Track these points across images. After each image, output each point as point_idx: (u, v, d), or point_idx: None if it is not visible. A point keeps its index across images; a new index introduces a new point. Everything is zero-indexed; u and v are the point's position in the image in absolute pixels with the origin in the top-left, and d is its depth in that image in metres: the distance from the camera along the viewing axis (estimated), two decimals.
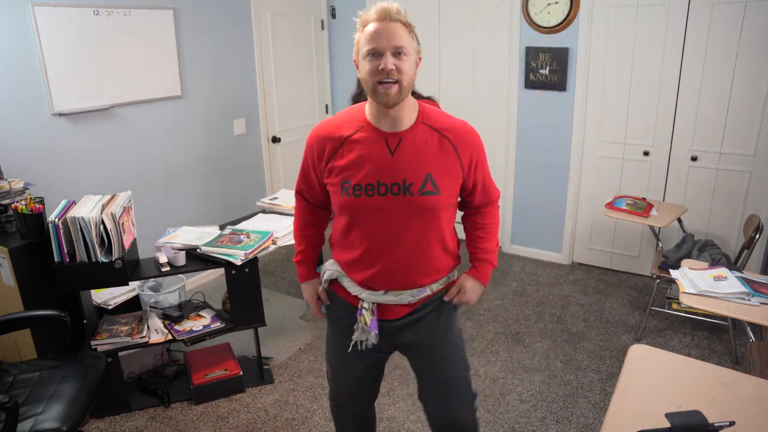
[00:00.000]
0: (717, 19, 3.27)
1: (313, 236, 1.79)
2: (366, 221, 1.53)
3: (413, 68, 1.46)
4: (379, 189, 1.48)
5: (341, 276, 1.66)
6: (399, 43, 1.40)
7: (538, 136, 4.04)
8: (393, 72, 1.39)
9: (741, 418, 1.33)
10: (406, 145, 1.49)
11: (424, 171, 1.48)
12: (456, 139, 1.52)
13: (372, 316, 1.61)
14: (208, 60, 3.73)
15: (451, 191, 1.55)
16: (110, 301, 2.76)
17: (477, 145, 1.57)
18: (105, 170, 3.24)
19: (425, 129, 1.51)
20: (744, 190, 3.47)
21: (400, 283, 1.59)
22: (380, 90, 1.41)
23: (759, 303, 2.07)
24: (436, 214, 1.53)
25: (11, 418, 1.70)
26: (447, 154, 1.51)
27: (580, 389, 2.77)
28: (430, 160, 1.49)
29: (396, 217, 1.50)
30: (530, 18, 3.81)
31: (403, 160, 1.48)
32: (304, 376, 2.90)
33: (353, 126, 1.53)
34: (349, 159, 1.50)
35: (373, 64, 1.41)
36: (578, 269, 4.12)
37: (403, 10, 1.45)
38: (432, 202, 1.50)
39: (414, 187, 1.48)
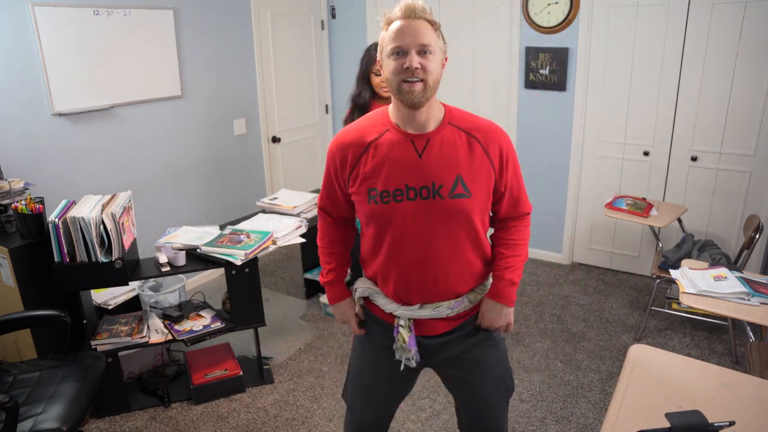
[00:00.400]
0: (717, 19, 3.27)
1: (341, 254, 1.70)
2: (396, 229, 1.45)
3: (439, 68, 1.40)
4: (408, 194, 1.41)
5: (374, 293, 1.59)
6: (424, 41, 1.35)
7: (538, 136, 4.04)
8: (418, 71, 1.34)
9: (741, 418, 1.33)
10: (434, 147, 1.42)
11: (454, 173, 1.42)
12: (485, 138, 1.46)
13: (410, 333, 1.53)
14: (208, 60, 3.73)
15: (483, 193, 1.47)
16: (110, 301, 2.76)
17: (507, 144, 1.49)
18: (105, 170, 3.24)
19: (452, 129, 1.45)
20: (744, 190, 3.47)
21: (436, 293, 1.51)
22: (405, 88, 1.35)
23: (759, 303, 2.07)
24: (469, 218, 1.45)
25: (11, 418, 1.70)
26: (477, 155, 1.44)
27: (580, 389, 2.77)
28: (459, 161, 1.43)
29: (427, 223, 1.43)
30: (530, 18, 3.81)
31: (432, 162, 1.41)
32: (304, 376, 2.90)
33: (377, 130, 1.46)
34: (374, 164, 1.43)
35: (397, 62, 1.36)
36: (578, 269, 4.12)
37: (428, 8, 1.40)
38: (464, 205, 1.43)
39: (444, 190, 1.41)
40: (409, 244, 1.46)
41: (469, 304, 1.56)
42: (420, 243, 1.45)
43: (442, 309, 1.52)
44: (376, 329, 1.63)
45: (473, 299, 1.56)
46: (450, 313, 1.53)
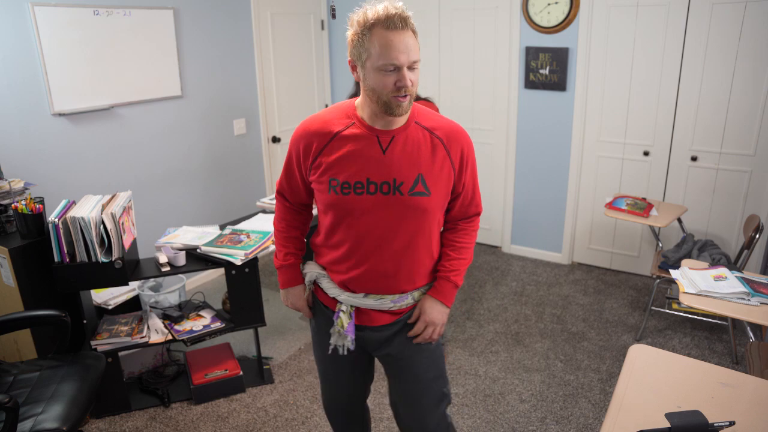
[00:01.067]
0: (717, 19, 3.27)
1: (297, 238, 1.73)
2: (353, 221, 1.48)
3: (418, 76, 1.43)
4: (369, 188, 1.44)
5: (321, 276, 1.62)
6: (415, 57, 1.36)
7: (538, 136, 4.04)
8: (410, 88, 1.36)
9: (741, 418, 1.33)
10: (398, 144, 1.45)
11: (416, 171, 1.44)
12: (447, 138, 1.48)
13: (350, 320, 1.56)
14: (208, 60, 3.73)
15: (442, 193, 1.50)
16: (110, 301, 2.76)
17: (467, 145, 1.52)
18: (105, 170, 3.24)
19: (417, 128, 1.47)
20: (744, 190, 3.47)
21: (383, 286, 1.54)
22: (394, 102, 1.37)
23: (759, 303, 2.07)
24: (426, 217, 1.49)
25: (11, 418, 1.70)
26: (439, 155, 1.47)
27: (580, 389, 2.77)
28: (421, 160, 1.45)
29: (384, 218, 1.46)
30: (530, 18, 3.81)
31: (395, 159, 1.44)
32: (304, 376, 2.90)
33: (344, 122, 1.48)
34: (338, 155, 1.45)
35: (388, 78, 1.35)
36: (578, 269, 4.12)
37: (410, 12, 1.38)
38: (422, 203, 1.46)
39: (404, 187, 1.44)
40: (363, 237, 1.49)
41: (412, 301, 1.59)
42: (375, 237, 1.48)
43: (385, 301, 1.56)
44: (320, 314, 1.68)
45: (417, 297, 1.60)
46: (392, 306, 1.56)
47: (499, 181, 4.28)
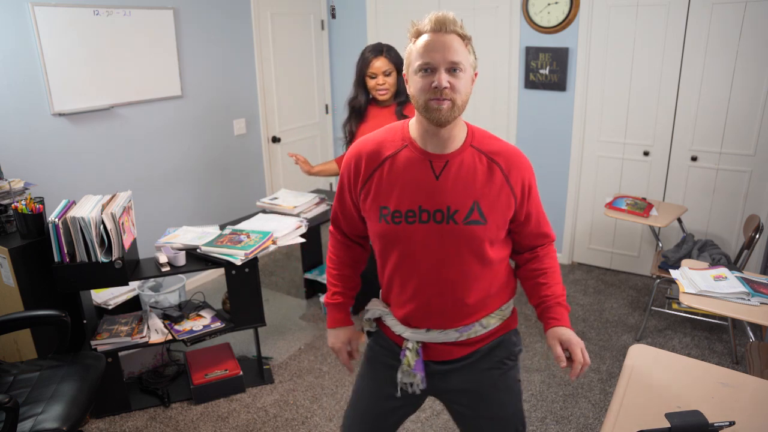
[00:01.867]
0: (717, 19, 3.27)
1: (349, 277, 1.61)
2: (406, 251, 1.38)
3: (469, 86, 1.31)
4: (421, 216, 1.34)
5: (384, 314, 1.52)
6: (455, 58, 1.26)
7: (538, 136, 4.04)
8: (447, 90, 1.25)
9: (741, 418, 1.33)
10: (453, 169, 1.34)
11: (471, 198, 1.34)
12: (507, 164, 1.36)
13: (417, 357, 1.45)
14: (208, 60, 3.73)
15: (500, 222, 1.38)
16: (110, 301, 2.76)
17: (528, 171, 1.41)
18: (105, 170, 3.24)
19: (473, 152, 1.36)
20: (744, 190, 3.47)
21: (445, 319, 1.43)
22: (432, 105, 1.26)
23: (759, 303, 2.07)
24: (481, 245, 1.37)
25: (11, 418, 1.70)
26: (497, 181, 1.35)
27: (580, 389, 2.77)
28: (478, 186, 1.34)
29: (438, 248, 1.36)
30: (530, 18, 3.81)
31: (449, 185, 1.33)
32: (304, 376, 2.90)
33: (396, 145, 1.38)
34: (389, 181, 1.36)
35: (425, 80, 1.27)
36: (578, 269, 4.12)
37: (460, 20, 1.31)
38: (478, 232, 1.34)
39: (459, 216, 1.33)
40: (417, 268, 1.39)
41: (482, 329, 1.47)
42: (429, 267, 1.38)
43: (450, 333, 1.45)
44: (384, 351, 1.55)
45: (486, 324, 1.47)
46: (459, 337, 1.45)
47: None
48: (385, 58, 2.60)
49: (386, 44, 2.66)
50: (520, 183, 1.38)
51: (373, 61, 2.61)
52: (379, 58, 2.60)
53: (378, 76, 2.62)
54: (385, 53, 2.61)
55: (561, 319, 1.44)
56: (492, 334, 1.49)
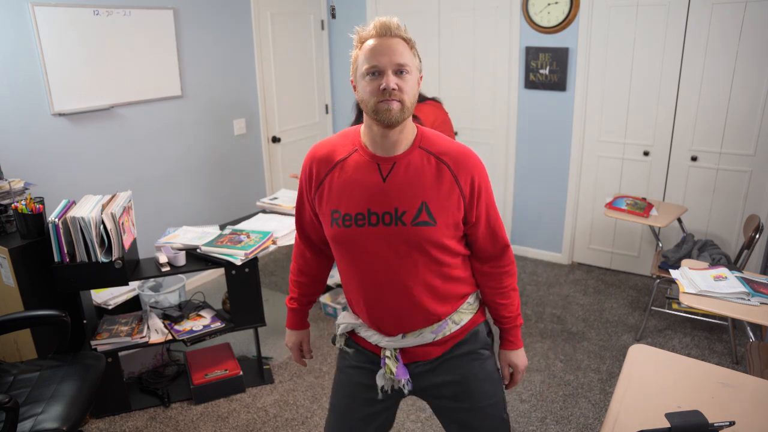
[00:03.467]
0: (717, 19, 3.27)
1: (306, 284, 1.65)
2: (360, 255, 1.39)
3: (415, 87, 1.33)
4: (370, 219, 1.34)
5: (357, 326, 1.52)
6: (401, 60, 1.28)
7: (538, 136, 4.04)
8: (395, 92, 1.27)
9: (741, 418, 1.33)
10: (400, 171, 1.35)
11: (419, 199, 1.34)
12: (456, 164, 1.36)
13: (397, 363, 1.47)
14: (208, 60, 3.73)
15: (450, 222, 1.37)
16: (110, 301, 2.76)
17: (479, 171, 1.39)
18: (105, 170, 3.24)
19: (421, 153, 1.36)
20: (744, 190, 3.47)
21: (413, 322, 1.44)
22: (382, 107, 1.28)
23: (759, 303, 2.07)
24: (434, 247, 1.37)
25: (11, 418, 1.70)
26: (445, 181, 1.35)
27: (580, 389, 2.77)
28: (426, 187, 1.34)
29: (390, 251, 1.36)
30: (530, 18, 3.81)
31: (396, 186, 1.34)
32: (304, 376, 2.90)
33: (348, 149, 1.40)
34: (339, 185, 1.38)
35: (373, 84, 1.28)
36: (578, 269, 4.12)
37: (403, 25, 1.33)
38: (427, 234, 1.34)
39: (407, 217, 1.33)
40: (374, 272, 1.40)
41: (455, 325, 1.48)
42: (385, 270, 1.38)
43: (426, 335, 1.46)
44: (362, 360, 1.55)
45: (458, 320, 1.49)
46: (435, 337, 1.46)
47: (499, 181, 4.28)
48: None
49: None
50: (469, 182, 1.37)
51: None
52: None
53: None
54: None
55: (515, 342, 1.59)
56: (465, 328, 1.52)
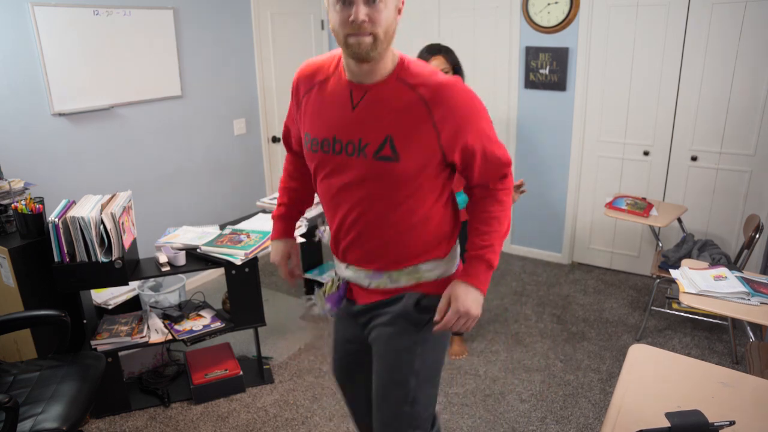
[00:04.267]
0: (717, 19, 3.27)
1: (296, 189, 1.59)
2: (326, 180, 1.35)
3: (391, 17, 1.21)
4: (334, 146, 1.29)
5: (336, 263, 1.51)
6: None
7: (538, 136, 4.04)
8: (366, 24, 1.16)
9: (741, 418, 1.33)
10: (370, 100, 1.26)
11: (384, 132, 1.25)
12: (433, 98, 1.24)
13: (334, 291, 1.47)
14: (208, 60, 3.73)
15: (418, 160, 1.26)
16: (110, 301, 2.76)
17: (464, 108, 1.26)
18: (105, 170, 3.24)
19: (398, 84, 1.26)
20: (744, 190, 3.47)
21: (363, 259, 1.39)
22: (351, 41, 1.18)
23: (759, 303, 2.07)
24: (400, 186, 1.28)
25: (11, 418, 1.70)
26: (415, 114, 1.24)
27: (580, 389, 2.77)
28: (393, 120, 1.25)
29: (351, 181, 1.30)
30: (530, 18, 3.81)
31: (363, 116, 1.26)
32: (304, 376, 2.90)
33: (329, 71, 1.34)
34: (313, 107, 1.33)
35: (343, 13, 1.18)
36: (578, 269, 4.12)
37: None
38: (389, 169, 1.26)
39: (369, 149, 1.26)
40: (338, 200, 1.35)
41: (390, 282, 1.39)
42: (347, 200, 1.33)
43: (361, 276, 1.41)
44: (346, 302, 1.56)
45: (396, 279, 1.39)
46: (369, 284, 1.40)
47: None
48: (443, 58, 2.59)
49: (444, 45, 2.65)
50: (447, 120, 1.25)
51: (431, 60, 2.60)
52: (436, 57, 2.58)
53: None
54: (443, 53, 2.60)
55: (471, 275, 1.36)
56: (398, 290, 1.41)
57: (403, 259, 1.39)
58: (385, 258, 1.38)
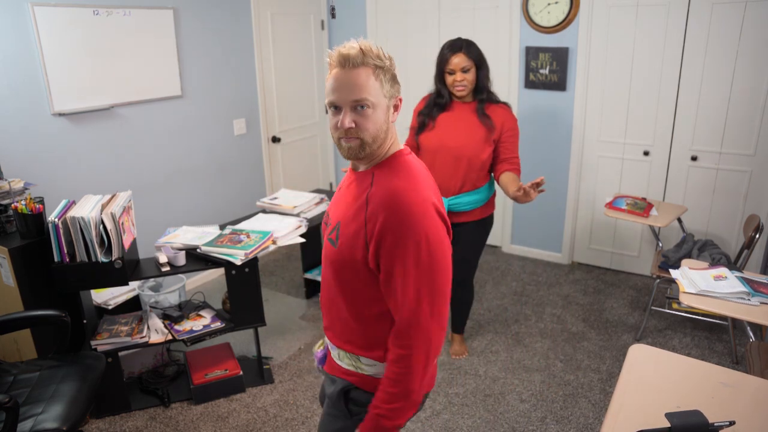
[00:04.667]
0: (717, 19, 3.27)
1: None
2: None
3: (380, 120, 1.24)
4: (328, 220, 1.41)
5: None
6: (358, 96, 1.21)
7: (538, 136, 4.04)
8: (352, 130, 1.23)
9: (741, 418, 1.33)
10: (350, 185, 1.35)
11: (340, 216, 1.32)
12: (375, 203, 1.23)
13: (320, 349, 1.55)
14: (208, 60, 3.73)
15: (349, 254, 1.27)
16: (110, 301, 2.76)
17: (398, 226, 1.19)
18: (105, 170, 3.24)
19: (368, 175, 1.30)
20: (744, 190, 3.47)
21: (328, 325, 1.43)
22: (342, 144, 1.26)
23: (759, 303, 2.07)
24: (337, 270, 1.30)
25: (11, 418, 1.70)
26: (360, 212, 1.26)
27: (580, 389, 2.77)
28: (347, 207, 1.31)
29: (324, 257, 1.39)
30: (530, 18, 3.81)
31: (341, 199, 1.36)
32: (304, 376, 2.90)
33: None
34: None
35: (334, 119, 1.25)
36: (578, 269, 4.12)
37: (375, 47, 1.23)
38: (331, 252, 1.31)
39: (328, 229, 1.35)
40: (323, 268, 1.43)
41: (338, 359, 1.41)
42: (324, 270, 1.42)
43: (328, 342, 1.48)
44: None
45: (341, 357, 1.40)
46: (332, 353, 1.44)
47: None
48: (464, 54, 2.55)
49: (466, 39, 2.60)
50: (376, 228, 1.21)
51: (451, 57, 2.56)
52: (457, 54, 2.55)
53: (456, 73, 2.57)
54: (464, 49, 2.55)
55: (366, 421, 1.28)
56: (343, 373, 1.41)
57: (347, 343, 1.38)
58: (337, 334, 1.40)
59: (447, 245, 1.26)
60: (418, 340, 1.21)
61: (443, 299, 1.25)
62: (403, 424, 1.27)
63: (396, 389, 1.23)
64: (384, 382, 1.26)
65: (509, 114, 2.70)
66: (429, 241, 1.20)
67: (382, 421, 1.24)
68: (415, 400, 1.25)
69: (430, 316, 1.21)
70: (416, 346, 1.21)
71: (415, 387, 1.23)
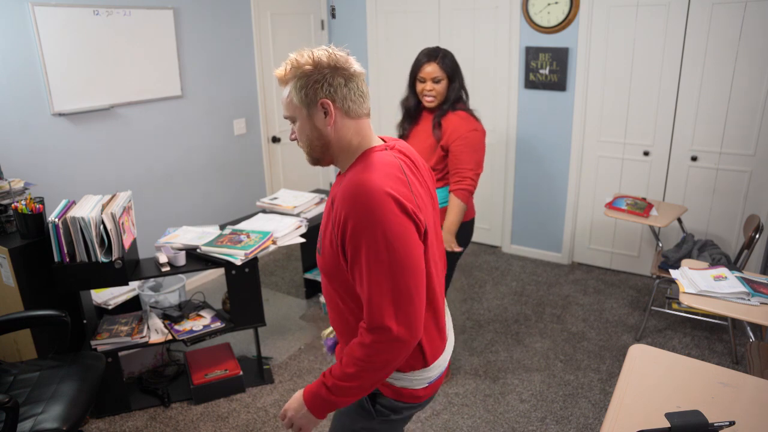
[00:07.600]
0: (717, 19, 3.27)
1: None
2: None
3: (306, 129, 1.26)
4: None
5: None
6: (285, 113, 1.30)
7: (538, 136, 4.04)
8: (297, 142, 1.32)
9: (741, 418, 1.33)
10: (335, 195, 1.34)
11: (321, 225, 1.34)
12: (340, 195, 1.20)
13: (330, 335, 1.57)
14: (208, 60, 3.73)
15: (333, 260, 1.25)
16: (110, 301, 2.76)
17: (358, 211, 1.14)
18: (105, 170, 3.24)
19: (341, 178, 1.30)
20: (744, 190, 3.47)
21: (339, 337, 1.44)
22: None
23: (759, 303, 2.07)
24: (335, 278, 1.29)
25: (11, 418, 1.70)
26: (329, 214, 1.28)
27: (580, 389, 2.77)
28: (326, 213, 1.32)
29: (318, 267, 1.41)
30: (530, 18, 3.81)
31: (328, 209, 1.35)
32: (304, 376, 2.90)
33: None
34: None
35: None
36: (578, 269, 4.12)
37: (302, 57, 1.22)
38: (320, 261, 1.33)
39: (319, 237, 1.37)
40: None
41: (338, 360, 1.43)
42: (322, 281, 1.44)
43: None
44: None
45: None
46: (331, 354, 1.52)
47: (498, 180, 4.28)
48: (437, 65, 2.45)
49: (444, 49, 2.51)
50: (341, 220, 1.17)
51: (425, 65, 2.47)
52: (431, 63, 2.45)
53: (427, 82, 2.48)
54: (438, 59, 2.45)
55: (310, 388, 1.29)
56: None
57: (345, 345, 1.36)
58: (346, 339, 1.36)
59: (413, 242, 1.17)
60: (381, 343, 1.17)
61: (410, 301, 1.16)
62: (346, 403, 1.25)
63: (351, 370, 1.20)
64: (345, 357, 1.23)
65: (464, 122, 2.48)
66: (387, 235, 1.13)
67: (323, 390, 1.24)
68: (366, 389, 1.23)
69: (394, 318, 1.15)
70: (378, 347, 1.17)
71: (369, 379, 1.21)
